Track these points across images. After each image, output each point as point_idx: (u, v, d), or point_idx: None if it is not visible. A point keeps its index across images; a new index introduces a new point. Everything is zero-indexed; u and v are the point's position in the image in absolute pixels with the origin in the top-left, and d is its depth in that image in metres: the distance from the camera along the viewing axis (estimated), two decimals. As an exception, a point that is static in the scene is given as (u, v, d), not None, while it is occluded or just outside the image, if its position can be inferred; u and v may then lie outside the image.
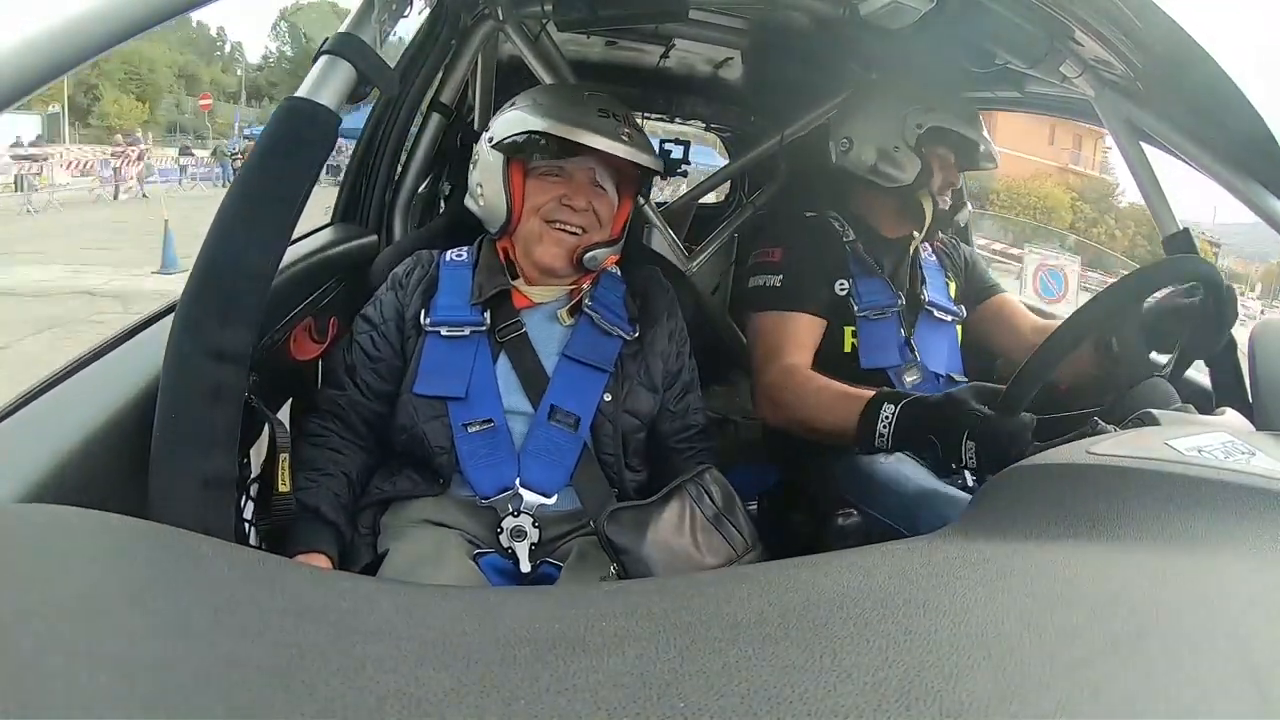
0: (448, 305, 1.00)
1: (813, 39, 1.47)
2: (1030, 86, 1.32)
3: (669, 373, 1.07)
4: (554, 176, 1.02)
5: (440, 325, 0.98)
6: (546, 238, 1.00)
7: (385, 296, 1.02)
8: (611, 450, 0.97)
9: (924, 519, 1.02)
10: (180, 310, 0.58)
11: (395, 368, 0.98)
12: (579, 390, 0.97)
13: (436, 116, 1.50)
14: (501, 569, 0.90)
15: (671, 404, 1.07)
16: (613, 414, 0.98)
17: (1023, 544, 0.46)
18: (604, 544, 0.80)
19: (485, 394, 0.95)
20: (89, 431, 0.58)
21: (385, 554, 0.88)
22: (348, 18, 0.71)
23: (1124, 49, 0.88)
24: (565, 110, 0.99)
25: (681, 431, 1.08)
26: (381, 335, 0.99)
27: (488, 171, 1.03)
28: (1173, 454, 0.53)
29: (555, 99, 1.03)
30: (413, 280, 1.03)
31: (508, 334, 0.98)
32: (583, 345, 0.99)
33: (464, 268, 1.04)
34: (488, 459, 0.93)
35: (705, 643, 0.34)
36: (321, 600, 0.36)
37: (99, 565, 0.35)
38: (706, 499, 0.89)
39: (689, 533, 0.85)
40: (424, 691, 0.29)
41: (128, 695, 0.27)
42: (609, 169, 1.04)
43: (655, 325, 1.06)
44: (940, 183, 1.28)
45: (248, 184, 0.61)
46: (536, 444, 0.94)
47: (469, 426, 0.93)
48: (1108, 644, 0.34)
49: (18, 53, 0.41)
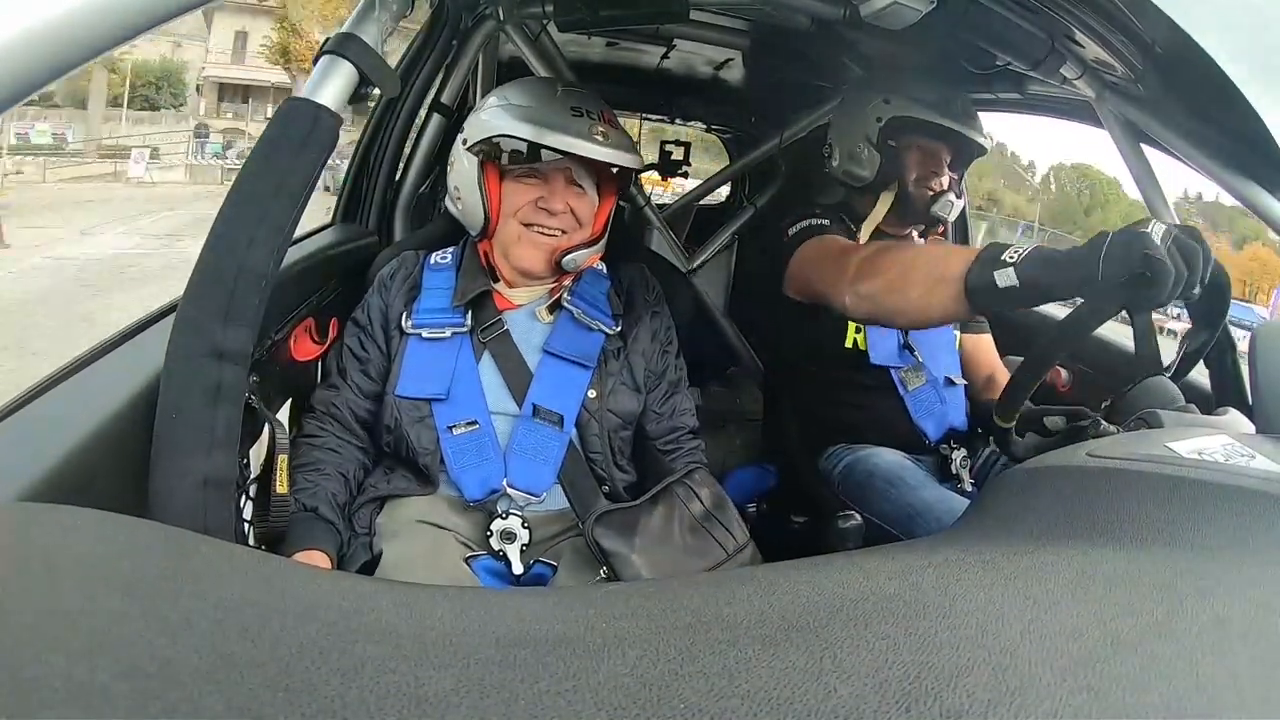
0: (429, 307, 1.00)
1: (814, 40, 1.47)
2: (1031, 88, 1.33)
3: (651, 372, 1.05)
4: (530, 178, 1.00)
5: (421, 327, 0.98)
6: (524, 240, 1.00)
7: (371, 299, 1.02)
8: (598, 449, 0.97)
9: (921, 524, 1.02)
10: (181, 310, 0.58)
11: (383, 369, 0.98)
12: (562, 387, 0.97)
13: (437, 117, 1.50)
14: (494, 571, 0.90)
15: (656, 405, 1.06)
16: (597, 411, 0.97)
17: (1023, 546, 0.46)
18: (592, 547, 0.80)
19: (468, 395, 0.95)
20: (89, 431, 0.58)
21: (380, 554, 0.88)
22: (349, 18, 0.71)
23: (1124, 50, 0.88)
24: (537, 111, 0.97)
25: (669, 433, 1.07)
26: (369, 337, 1.00)
27: (463, 175, 1.01)
28: (1172, 456, 0.53)
29: (527, 97, 1.00)
30: (396, 282, 1.02)
31: (490, 334, 0.98)
32: (563, 340, 0.99)
33: (447, 269, 1.04)
34: (473, 460, 0.92)
35: (705, 644, 0.34)
36: (321, 600, 0.36)
37: (98, 564, 0.35)
38: (695, 500, 0.89)
39: (677, 534, 0.85)
40: (424, 691, 0.29)
41: (127, 695, 0.27)
42: (586, 167, 1.02)
43: (638, 323, 1.05)
44: (918, 174, 1.27)
45: (249, 184, 0.61)
46: (521, 442, 0.93)
47: (453, 428, 0.93)
48: (1108, 646, 0.34)
49: (18, 53, 0.41)
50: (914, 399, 1.26)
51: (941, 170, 1.29)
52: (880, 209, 1.29)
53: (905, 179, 1.27)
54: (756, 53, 1.72)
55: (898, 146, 1.27)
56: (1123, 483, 0.49)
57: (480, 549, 0.90)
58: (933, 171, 1.28)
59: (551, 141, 0.95)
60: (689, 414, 1.09)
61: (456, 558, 0.88)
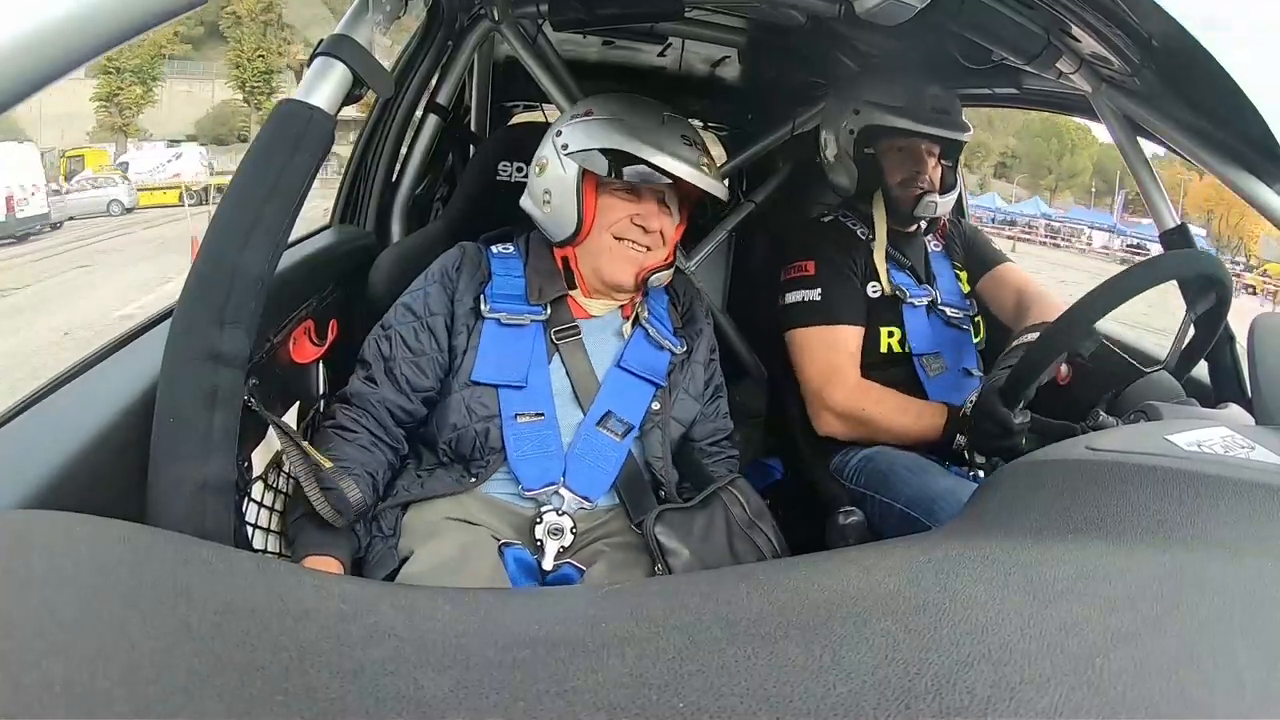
0: (504, 294, 0.99)
1: (809, 36, 1.46)
2: (1027, 82, 1.32)
3: (707, 380, 1.09)
4: (628, 194, 1.01)
5: (500, 312, 0.97)
6: (616, 253, 1.00)
7: (431, 289, 0.99)
8: (660, 454, 0.98)
9: (944, 508, 1.02)
10: (178, 314, 0.58)
11: (437, 362, 0.96)
12: (627, 400, 0.98)
13: (433, 118, 1.50)
14: (523, 563, 0.89)
15: (706, 408, 1.09)
16: (661, 421, 0.99)
17: (1023, 540, 0.46)
18: (651, 542, 0.83)
19: (539, 386, 0.95)
20: (88, 437, 0.58)
21: (407, 556, 0.86)
22: (343, 19, 0.71)
23: (1121, 45, 0.87)
24: (651, 134, 0.97)
25: (713, 435, 1.10)
26: (426, 328, 0.97)
27: (559, 180, 1.00)
28: (1172, 449, 0.53)
29: (637, 117, 1.00)
30: (464, 274, 1.01)
31: (565, 336, 0.99)
32: (637, 357, 1.01)
33: (515, 259, 1.04)
34: (535, 451, 0.93)
35: (704, 642, 0.34)
36: (321, 603, 0.36)
37: (99, 570, 0.35)
38: (739, 506, 0.92)
39: (725, 538, 0.88)
40: (424, 694, 0.29)
41: (128, 698, 0.27)
42: (678, 192, 1.04)
43: (698, 336, 1.08)
44: (902, 176, 1.26)
45: (244, 187, 0.60)
46: (583, 448, 0.94)
47: (519, 416, 0.93)
48: (1108, 640, 0.34)
49: (17, 52, 0.41)
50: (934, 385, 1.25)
51: (925, 168, 1.27)
52: (879, 216, 1.28)
53: (888, 183, 1.27)
54: (752, 50, 1.72)
55: (876, 153, 1.26)
56: (1123, 475, 0.49)
57: (518, 539, 0.90)
58: (916, 171, 1.26)
59: (672, 168, 0.96)
60: (728, 415, 1.13)
61: (490, 550, 0.87)
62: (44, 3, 0.41)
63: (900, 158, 1.26)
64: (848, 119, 1.27)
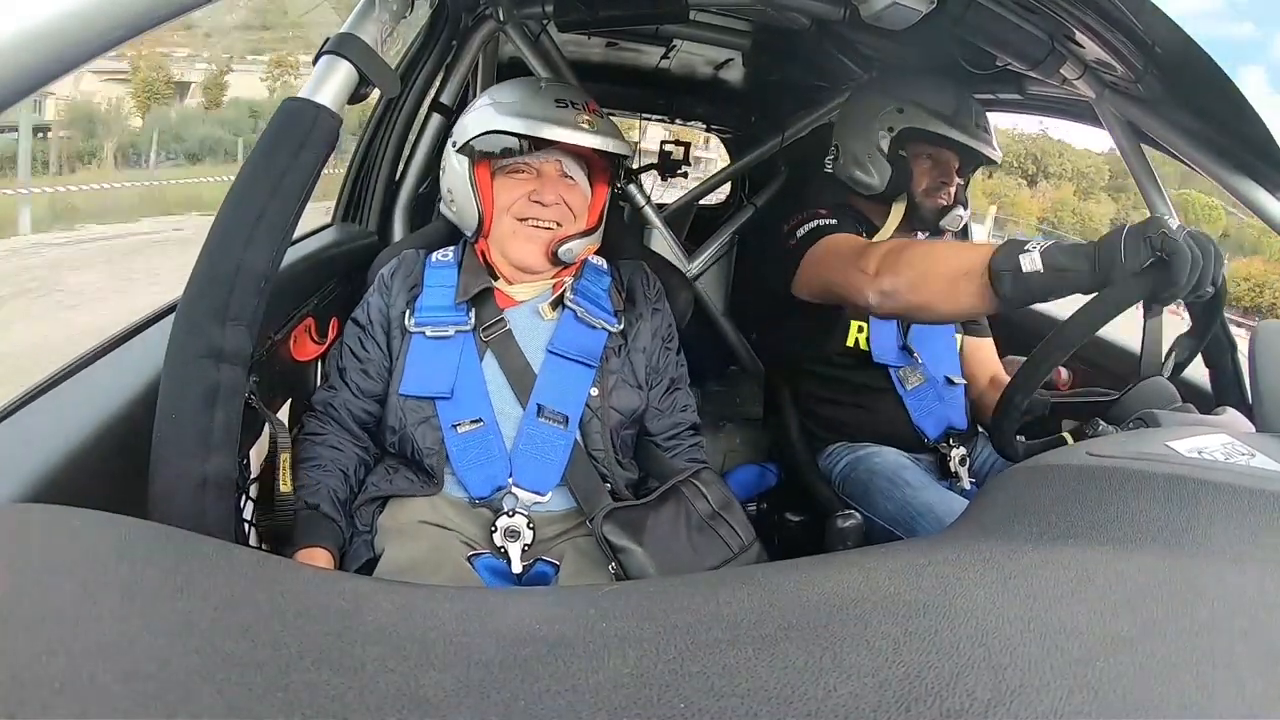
0: (431, 305, 1.00)
1: (814, 40, 1.47)
2: (1031, 88, 1.32)
3: (653, 369, 1.05)
4: (521, 173, 1.02)
5: (424, 326, 0.98)
6: (519, 235, 1.01)
7: (372, 299, 1.02)
8: (601, 446, 0.97)
9: (922, 525, 1.02)
10: (180, 310, 0.58)
11: (384, 369, 0.98)
12: (566, 387, 0.97)
13: (437, 117, 1.50)
14: (496, 569, 0.90)
15: (657, 401, 1.06)
16: (600, 410, 0.97)
17: (1023, 544, 0.46)
18: (601, 543, 0.81)
19: (473, 393, 0.95)
20: (89, 431, 0.58)
21: (381, 554, 0.88)
22: (349, 18, 0.71)
23: (1124, 50, 0.88)
24: (522, 105, 0.99)
25: (670, 430, 1.07)
26: (369, 336, 0.99)
27: (455, 176, 1.03)
28: (1172, 455, 0.53)
29: (512, 95, 1.03)
30: (397, 281, 1.02)
31: (492, 332, 0.98)
32: (567, 339, 0.99)
33: (449, 267, 1.04)
34: (478, 459, 0.92)
35: (705, 644, 0.34)
36: (322, 600, 0.36)
37: (99, 565, 0.35)
38: (702, 499, 0.90)
39: (684, 532, 0.86)
40: (424, 692, 0.29)
41: (127, 695, 0.27)
42: (577, 159, 1.04)
43: (639, 320, 1.05)
44: (927, 185, 1.26)
45: (248, 185, 0.60)
46: (527, 443, 0.93)
47: (458, 426, 0.93)
48: (1108, 644, 0.34)
49: (17, 52, 0.41)
50: (913, 398, 1.26)
51: (951, 181, 1.28)
52: (893, 220, 1.28)
53: (914, 189, 1.26)
54: (757, 53, 1.72)
55: (908, 156, 1.25)
56: (1122, 481, 0.49)
57: (483, 548, 0.90)
58: (942, 182, 1.27)
59: (539, 132, 0.96)
60: (690, 410, 1.09)
61: (459, 557, 0.87)
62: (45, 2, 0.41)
63: (929, 165, 1.26)
64: (888, 117, 1.25)
